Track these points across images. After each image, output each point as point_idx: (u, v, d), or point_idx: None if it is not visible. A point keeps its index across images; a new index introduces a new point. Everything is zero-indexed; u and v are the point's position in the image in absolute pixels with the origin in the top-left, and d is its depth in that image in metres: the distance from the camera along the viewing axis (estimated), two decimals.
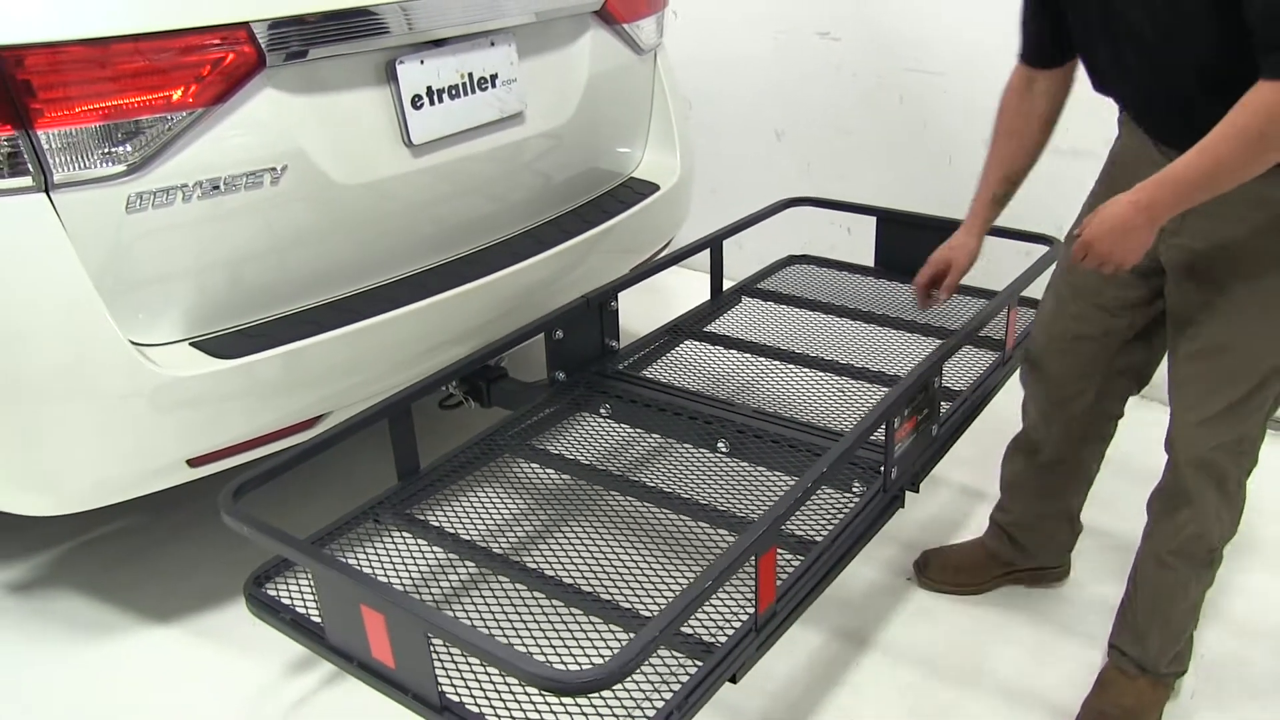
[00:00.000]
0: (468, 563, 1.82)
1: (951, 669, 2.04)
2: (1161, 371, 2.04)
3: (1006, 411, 2.26)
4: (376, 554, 1.83)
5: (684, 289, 3.12)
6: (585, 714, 1.47)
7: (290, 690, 1.99)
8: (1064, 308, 1.89)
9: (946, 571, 2.24)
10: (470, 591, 1.91)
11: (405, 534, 1.86)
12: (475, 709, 1.42)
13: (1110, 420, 2.01)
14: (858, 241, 2.73)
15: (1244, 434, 1.68)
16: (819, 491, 1.90)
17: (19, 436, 1.78)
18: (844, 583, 2.26)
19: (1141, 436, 2.27)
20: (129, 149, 1.73)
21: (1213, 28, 1.39)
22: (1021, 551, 2.18)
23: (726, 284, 2.68)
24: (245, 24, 1.80)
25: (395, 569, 1.81)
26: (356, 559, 1.78)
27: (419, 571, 1.82)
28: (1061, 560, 2.23)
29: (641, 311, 3.04)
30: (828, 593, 2.21)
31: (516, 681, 1.35)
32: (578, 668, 1.49)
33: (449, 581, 1.92)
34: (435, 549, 1.83)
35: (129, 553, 2.37)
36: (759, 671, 2.00)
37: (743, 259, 3.66)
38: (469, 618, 1.82)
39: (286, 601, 1.64)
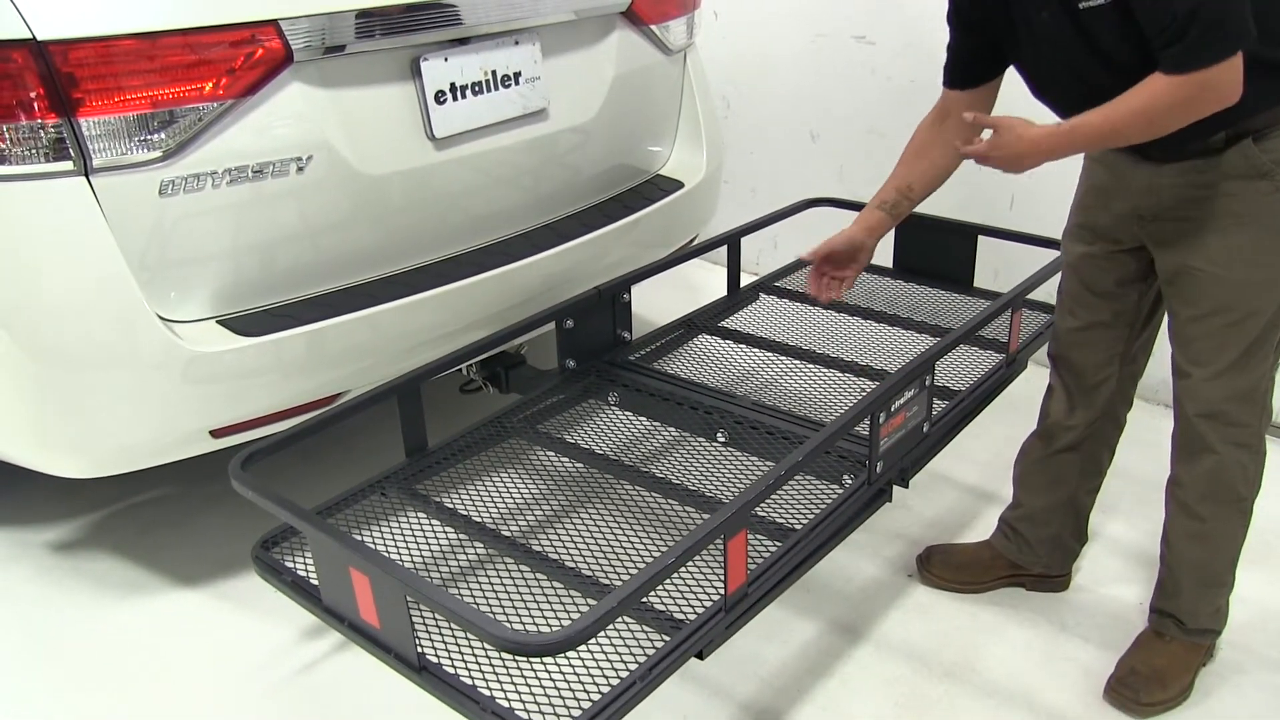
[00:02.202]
0: (463, 536, 1.90)
1: (942, 665, 2.07)
2: (1152, 368, 2.06)
3: (1020, 415, 2.28)
4: (380, 527, 1.92)
5: (711, 284, 3.19)
6: (554, 680, 1.54)
7: (301, 654, 2.10)
8: (1072, 300, 1.98)
9: (949, 569, 2.26)
10: (467, 564, 2.00)
11: (409, 508, 1.95)
12: (451, 670, 1.50)
13: (1125, 405, 2.08)
14: (886, 242, 2.77)
15: (1255, 383, 1.77)
16: (809, 482, 1.96)
17: (54, 403, 1.91)
18: (843, 576, 2.30)
19: (1141, 441, 2.27)
20: (163, 137, 1.85)
21: (1122, 45, 1.58)
22: (1028, 551, 2.20)
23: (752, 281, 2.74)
24: (274, 21, 1.91)
25: (398, 541, 1.90)
26: (360, 532, 1.88)
27: (420, 544, 1.91)
28: (1064, 569, 2.24)
29: (666, 304, 3.10)
30: (825, 585, 2.27)
31: (490, 646, 1.43)
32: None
33: (449, 555, 2.01)
34: (435, 522, 1.91)
35: (162, 519, 2.51)
36: (751, 658, 2.07)
37: (777, 258, 3.72)
38: (459, 588, 1.91)
39: (290, 565, 1.74)
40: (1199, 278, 1.72)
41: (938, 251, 2.59)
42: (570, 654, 1.42)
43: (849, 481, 1.90)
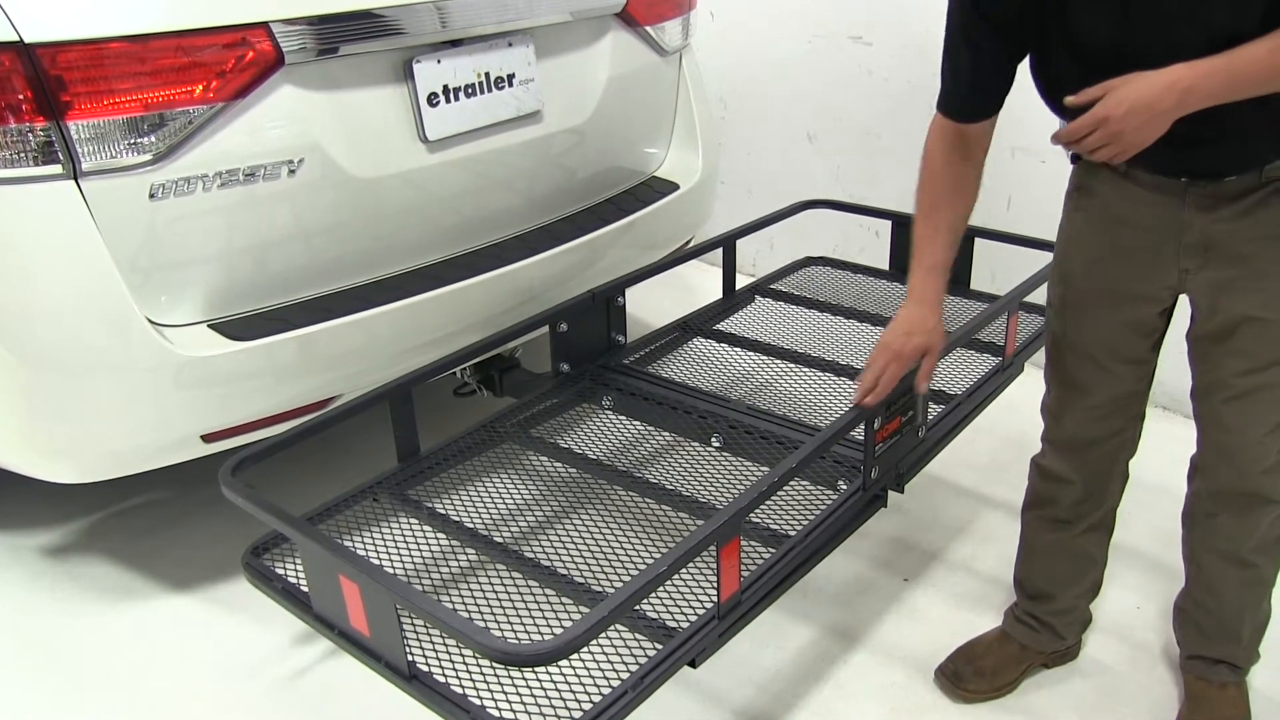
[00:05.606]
0: (455, 543, 1.89)
1: None
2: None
3: (1016, 418, 2.27)
4: (372, 532, 1.91)
5: (707, 286, 3.17)
6: (545, 689, 1.53)
7: (292, 660, 2.08)
8: (1089, 377, 1.75)
9: (984, 678, 2.00)
10: (459, 570, 1.98)
11: (401, 513, 1.93)
12: (442, 679, 1.49)
13: (1132, 453, 1.88)
14: (885, 245, 2.76)
15: None
16: (804, 488, 1.95)
17: (45, 407, 1.90)
18: (839, 581, 2.29)
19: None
20: (153, 140, 1.84)
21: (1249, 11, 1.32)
22: (1054, 639, 2.03)
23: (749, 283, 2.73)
24: (265, 24, 1.90)
25: (389, 547, 1.89)
26: (351, 539, 1.87)
27: (412, 550, 1.90)
28: (1079, 636, 2.10)
29: (661, 307, 3.09)
30: (821, 589, 2.26)
31: (479, 656, 1.42)
32: None
33: (441, 561, 2.00)
34: (427, 528, 1.90)
35: (155, 524, 2.50)
36: (746, 664, 2.06)
37: (774, 259, 3.71)
38: (450, 595, 1.90)
39: (280, 572, 1.73)
40: (1269, 327, 1.54)
41: None
42: (562, 662, 1.41)
43: (844, 486, 1.89)
